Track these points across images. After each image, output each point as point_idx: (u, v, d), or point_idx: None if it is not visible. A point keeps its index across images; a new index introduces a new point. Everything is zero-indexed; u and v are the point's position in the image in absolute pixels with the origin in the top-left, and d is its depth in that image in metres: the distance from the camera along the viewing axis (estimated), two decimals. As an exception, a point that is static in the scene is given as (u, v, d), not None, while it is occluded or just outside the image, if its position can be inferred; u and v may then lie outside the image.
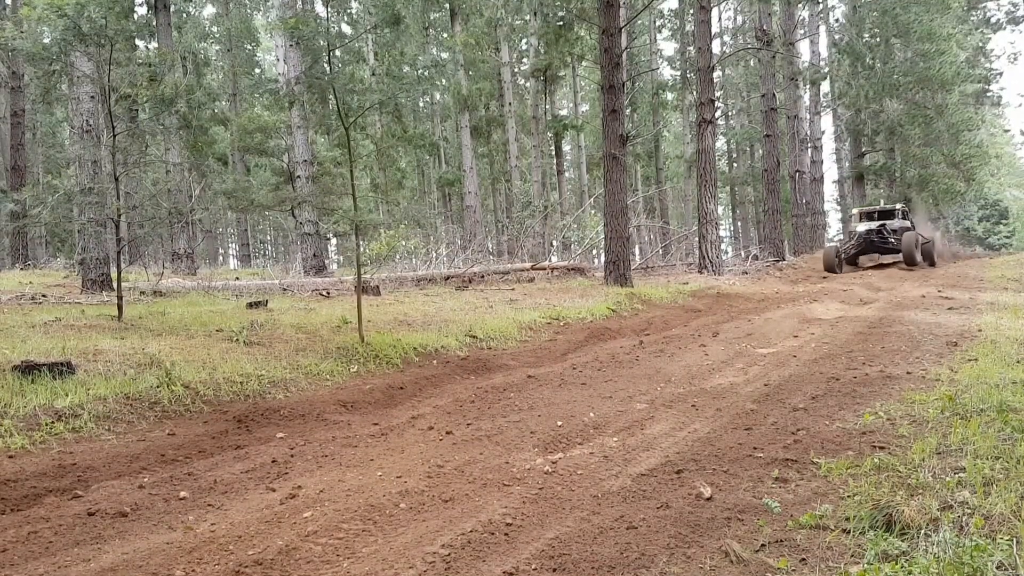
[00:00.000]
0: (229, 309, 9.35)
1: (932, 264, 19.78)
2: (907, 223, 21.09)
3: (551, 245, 24.13)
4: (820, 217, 29.88)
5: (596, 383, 6.26)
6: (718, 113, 28.53)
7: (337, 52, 8.06)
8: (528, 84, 30.10)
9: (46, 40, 7.43)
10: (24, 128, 21.70)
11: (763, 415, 4.80)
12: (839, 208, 42.41)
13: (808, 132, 29.26)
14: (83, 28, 7.28)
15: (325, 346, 7.42)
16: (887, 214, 21.51)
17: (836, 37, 33.53)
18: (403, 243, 15.67)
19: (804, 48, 36.16)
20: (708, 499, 3.27)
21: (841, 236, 22.10)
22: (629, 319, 11.25)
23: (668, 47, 41.48)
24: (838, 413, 4.70)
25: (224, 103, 28.50)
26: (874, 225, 20.64)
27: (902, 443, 3.87)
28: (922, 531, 2.69)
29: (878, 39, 29.83)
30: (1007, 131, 49.12)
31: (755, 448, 4.02)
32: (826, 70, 32.26)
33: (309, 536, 2.98)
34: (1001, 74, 39.12)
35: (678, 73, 34.80)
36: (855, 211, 22.40)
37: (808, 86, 30.44)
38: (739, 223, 49.40)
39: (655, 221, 31.13)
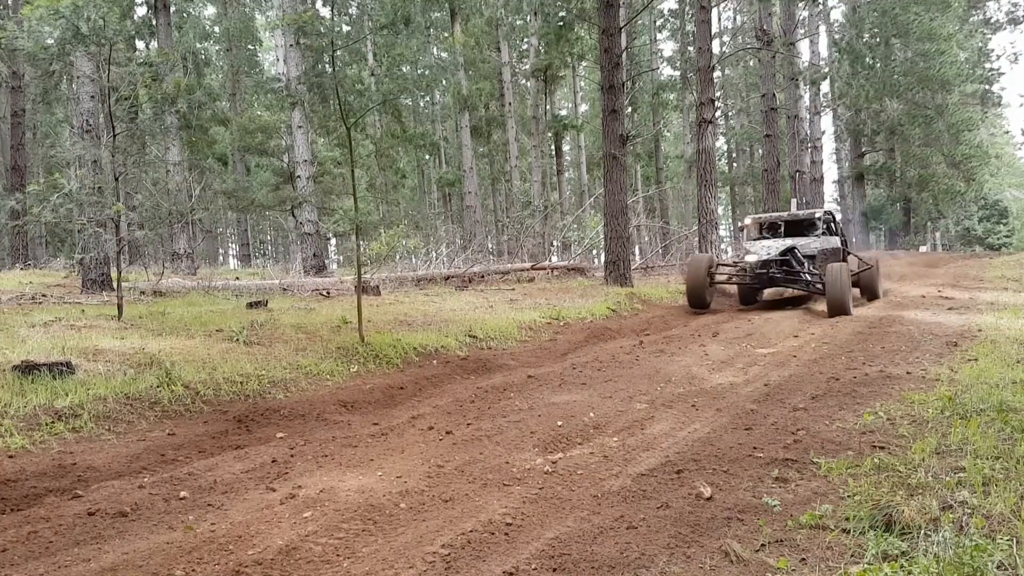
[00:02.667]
0: (229, 309, 9.35)
1: (875, 296, 12.34)
2: (833, 241, 12.63)
3: (551, 245, 24.13)
4: (820, 217, 29.84)
5: (596, 383, 6.26)
6: (718, 113, 28.56)
7: (339, 52, 8.06)
8: (528, 84, 30.12)
9: (48, 41, 7.43)
10: (24, 128, 21.69)
11: (763, 415, 4.80)
12: (839, 208, 42.44)
13: (808, 132, 29.24)
14: (81, 29, 7.28)
15: (325, 346, 7.41)
16: (800, 226, 13.09)
17: (836, 37, 33.54)
18: (403, 243, 15.66)
19: (804, 48, 36.28)
20: (708, 499, 3.27)
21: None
22: (629, 319, 11.25)
23: (668, 47, 41.48)
24: (838, 413, 4.70)
25: (224, 103, 28.49)
26: (776, 250, 12.09)
27: (902, 443, 3.87)
28: (922, 531, 2.69)
29: (878, 39, 29.86)
30: (1007, 131, 49.17)
31: (755, 448, 4.02)
32: (826, 70, 32.26)
33: (309, 536, 2.98)
34: (1002, 74, 39.06)
35: (678, 73, 34.80)
36: (748, 220, 13.52)
37: (808, 86, 30.43)
38: (739, 223, 49.35)
39: (655, 221, 31.12)
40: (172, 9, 20.91)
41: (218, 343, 7.06)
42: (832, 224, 13.01)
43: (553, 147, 33.35)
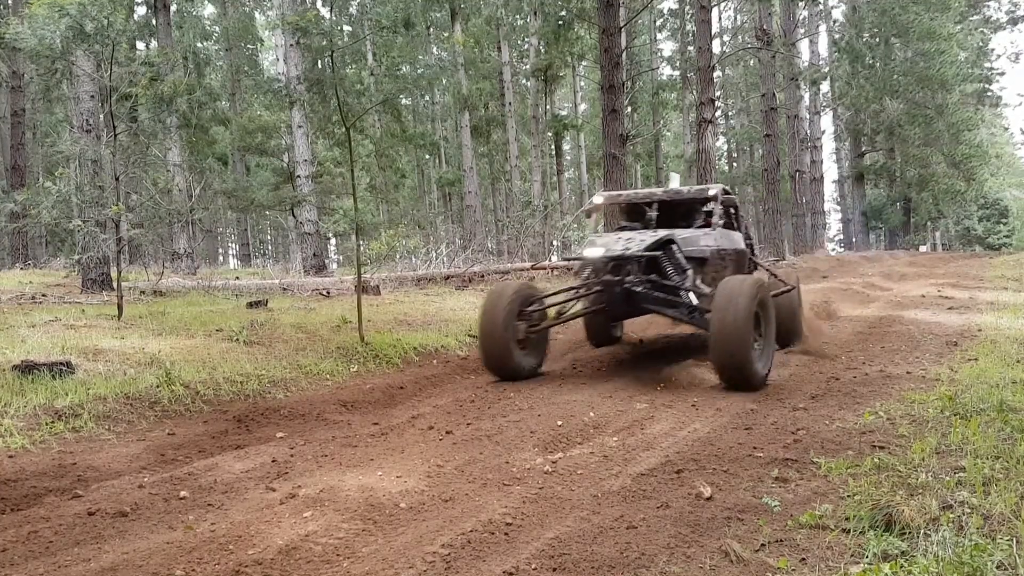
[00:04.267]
0: (229, 309, 9.34)
1: (794, 337, 7.60)
2: (734, 238, 7.60)
3: (551, 245, 24.11)
4: (820, 217, 29.90)
5: (596, 382, 6.25)
6: (718, 113, 28.54)
7: (339, 52, 8.09)
8: (528, 84, 30.11)
9: (55, 40, 7.43)
10: (24, 128, 21.69)
11: (763, 415, 4.80)
12: (839, 208, 42.46)
13: (808, 132, 29.25)
14: (86, 28, 7.29)
15: (325, 346, 7.41)
16: (683, 212, 7.71)
17: (836, 37, 33.55)
18: (403, 243, 15.66)
19: (804, 48, 36.30)
20: (708, 499, 3.27)
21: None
22: (629, 319, 11.23)
23: (668, 47, 41.49)
24: (838, 413, 4.70)
25: (224, 103, 28.50)
26: (638, 243, 6.45)
27: (902, 443, 3.87)
28: (922, 531, 2.69)
29: (878, 39, 29.87)
30: (1007, 130, 49.18)
31: (755, 448, 4.02)
32: (826, 70, 32.27)
33: (309, 536, 2.98)
34: (1002, 74, 39.15)
35: (678, 73, 34.79)
36: (599, 198, 8.07)
37: (808, 86, 30.44)
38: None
39: (655, 221, 31.07)
40: (172, 9, 20.92)
41: (218, 343, 7.06)
42: (733, 212, 7.94)
43: (553, 147, 33.35)
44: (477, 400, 5.74)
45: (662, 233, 6.72)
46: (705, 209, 7.40)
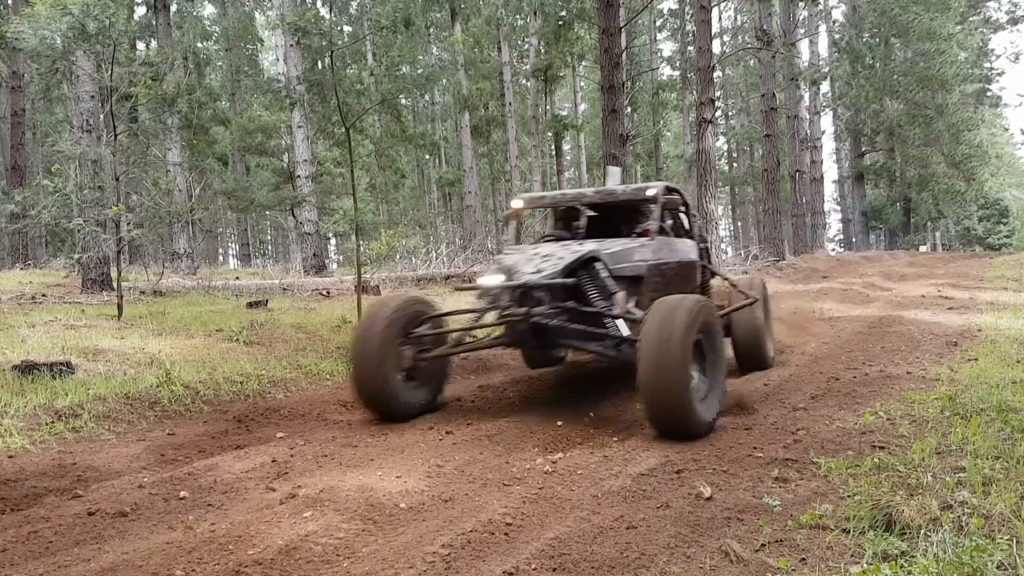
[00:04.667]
0: (229, 309, 9.35)
1: (760, 362, 6.55)
2: (680, 248, 6.23)
3: (551, 245, 24.07)
4: (820, 217, 29.89)
5: (596, 381, 6.25)
6: (718, 113, 28.49)
7: (338, 52, 8.09)
8: (528, 84, 30.11)
9: (56, 39, 7.42)
10: (24, 128, 21.68)
11: (763, 415, 4.80)
12: (839, 208, 42.46)
13: (808, 132, 29.24)
14: (88, 28, 7.30)
15: (325, 346, 7.42)
16: (618, 218, 6.44)
17: (836, 37, 33.56)
18: (403, 243, 15.66)
19: (804, 48, 36.31)
20: (708, 499, 3.27)
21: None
22: (629, 319, 11.22)
23: (668, 47, 41.48)
24: (838, 413, 4.70)
25: (224, 103, 28.49)
26: (553, 263, 5.10)
27: (902, 443, 3.87)
28: (922, 531, 2.70)
29: (878, 39, 29.89)
30: (1007, 130, 49.20)
31: (755, 448, 4.02)
32: (826, 70, 32.26)
33: (309, 536, 2.98)
34: (1002, 74, 39.21)
35: (678, 73, 34.79)
36: (519, 202, 6.80)
37: (808, 86, 30.44)
38: (739, 223, 49.49)
39: (655, 221, 31.04)
40: (172, 9, 20.93)
41: (218, 343, 7.06)
42: (680, 215, 6.75)
43: (553, 147, 33.35)
44: (477, 400, 5.74)
45: (587, 248, 5.44)
46: (645, 209, 6.15)
